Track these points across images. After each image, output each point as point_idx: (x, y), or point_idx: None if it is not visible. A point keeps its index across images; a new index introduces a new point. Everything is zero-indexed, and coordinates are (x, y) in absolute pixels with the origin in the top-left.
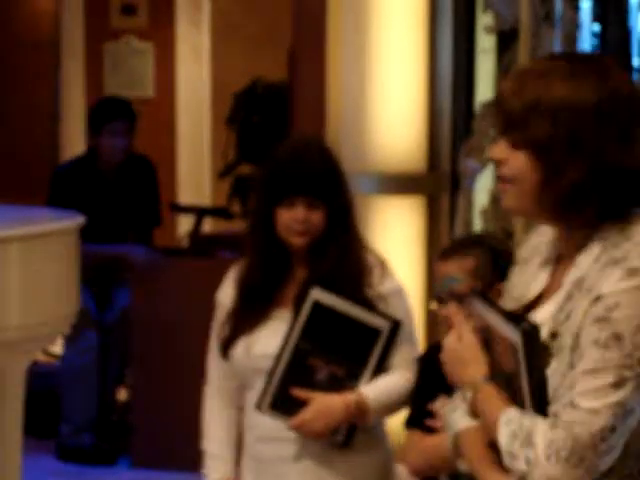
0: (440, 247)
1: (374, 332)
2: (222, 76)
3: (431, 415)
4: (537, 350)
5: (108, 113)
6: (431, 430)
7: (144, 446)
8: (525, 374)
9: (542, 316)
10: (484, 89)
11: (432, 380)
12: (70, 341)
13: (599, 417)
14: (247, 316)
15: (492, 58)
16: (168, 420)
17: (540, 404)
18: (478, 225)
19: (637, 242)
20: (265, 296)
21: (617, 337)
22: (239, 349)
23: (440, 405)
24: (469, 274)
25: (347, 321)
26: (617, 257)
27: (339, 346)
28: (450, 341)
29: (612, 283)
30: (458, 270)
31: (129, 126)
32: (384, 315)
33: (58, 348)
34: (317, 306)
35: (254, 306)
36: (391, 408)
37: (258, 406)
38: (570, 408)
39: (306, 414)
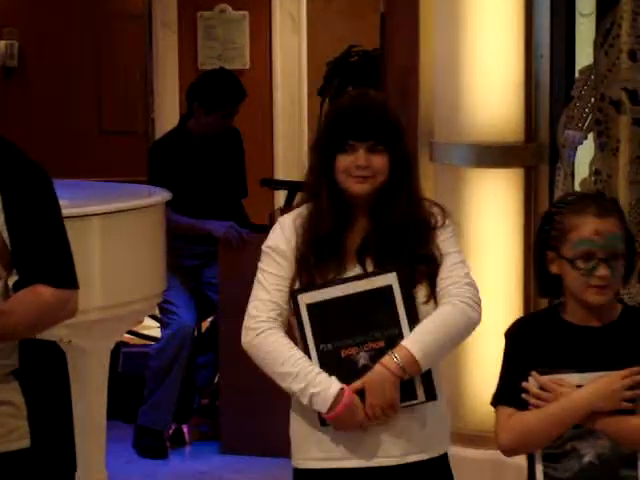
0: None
1: (385, 290)
2: (319, 45)
3: (521, 391)
4: None
5: (228, 99)
6: (522, 406)
7: (232, 431)
8: None
9: None
10: (584, 55)
11: (520, 355)
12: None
13: None
14: (322, 267)
15: (592, 22)
16: (257, 404)
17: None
18: None
19: None
20: (335, 246)
21: None
22: None
23: (532, 382)
24: (622, 236)
25: (352, 299)
26: None
27: (361, 325)
28: None
29: None
30: (617, 229)
31: (236, 111)
32: (382, 270)
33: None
34: (311, 307)
35: (327, 256)
36: (446, 343)
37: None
38: None
39: (367, 404)
